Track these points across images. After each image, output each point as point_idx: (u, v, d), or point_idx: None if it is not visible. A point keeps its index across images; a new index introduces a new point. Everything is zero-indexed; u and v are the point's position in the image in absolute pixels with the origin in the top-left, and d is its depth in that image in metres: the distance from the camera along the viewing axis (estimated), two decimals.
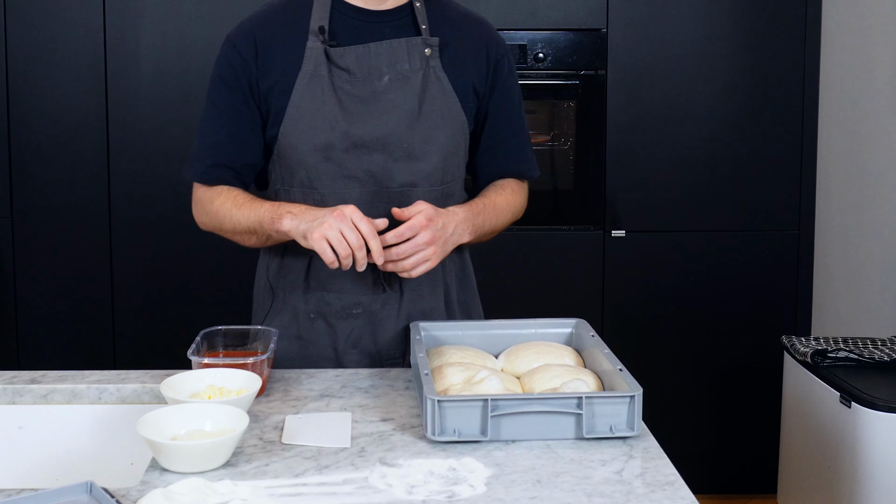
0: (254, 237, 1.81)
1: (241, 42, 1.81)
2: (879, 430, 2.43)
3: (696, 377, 3.39)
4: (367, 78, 1.78)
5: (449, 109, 1.82)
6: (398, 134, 1.77)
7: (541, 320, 1.83)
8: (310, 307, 1.85)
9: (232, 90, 1.81)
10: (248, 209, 1.79)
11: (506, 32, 3.28)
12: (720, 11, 3.27)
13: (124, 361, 3.28)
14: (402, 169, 1.79)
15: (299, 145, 1.78)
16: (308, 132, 1.77)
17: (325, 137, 1.76)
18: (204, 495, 1.26)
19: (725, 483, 3.43)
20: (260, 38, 1.81)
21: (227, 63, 1.82)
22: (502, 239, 3.36)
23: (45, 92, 3.23)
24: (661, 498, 1.28)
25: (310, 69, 1.78)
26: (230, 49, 1.82)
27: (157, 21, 3.22)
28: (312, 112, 1.77)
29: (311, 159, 1.78)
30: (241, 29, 1.84)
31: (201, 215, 1.88)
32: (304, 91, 1.77)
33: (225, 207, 1.81)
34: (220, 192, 1.83)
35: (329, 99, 1.77)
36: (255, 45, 1.80)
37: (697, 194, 3.31)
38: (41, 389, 1.70)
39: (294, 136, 1.78)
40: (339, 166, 1.78)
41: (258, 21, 1.84)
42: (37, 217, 3.27)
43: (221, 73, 1.82)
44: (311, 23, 1.79)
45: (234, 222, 1.80)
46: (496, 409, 1.44)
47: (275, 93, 1.79)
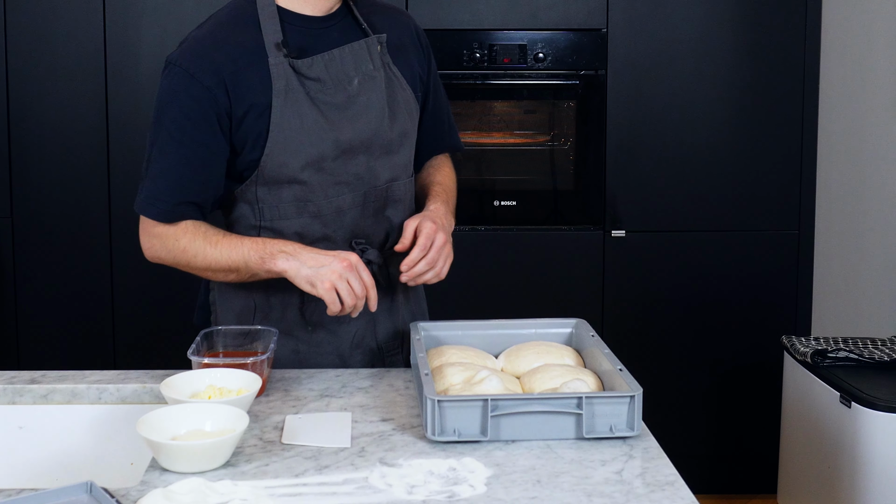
0: (233, 275, 1.75)
1: (201, 71, 1.71)
2: (879, 430, 2.43)
3: (696, 377, 3.39)
4: (338, 84, 1.78)
5: (407, 101, 1.87)
6: (379, 133, 1.81)
7: (541, 320, 1.83)
8: (307, 319, 1.85)
9: (195, 123, 1.71)
10: (226, 247, 1.73)
11: (506, 32, 3.28)
12: (720, 11, 3.26)
13: (124, 361, 3.28)
14: (383, 165, 1.83)
15: (290, 162, 1.74)
16: (298, 148, 1.74)
17: (317, 150, 1.75)
18: (204, 495, 1.26)
19: (725, 483, 3.43)
20: (219, 63, 1.72)
21: (185, 94, 1.71)
22: (502, 239, 3.38)
23: (45, 92, 3.23)
24: (661, 498, 1.28)
25: (282, 85, 1.73)
26: (187, 79, 1.71)
27: (157, 21, 3.22)
28: (297, 127, 1.74)
29: (304, 174, 1.75)
30: (196, 55, 1.72)
31: (159, 251, 1.78)
32: (284, 108, 1.73)
33: (195, 245, 1.74)
34: (185, 229, 1.75)
35: (310, 111, 1.75)
36: (217, 72, 1.71)
37: (697, 194, 3.31)
38: (41, 389, 1.70)
39: (284, 155, 1.74)
40: (331, 175, 1.78)
41: (212, 45, 1.74)
42: (37, 217, 3.27)
43: (181, 104, 1.71)
44: (266, 38, 1.75)
45: (208, 260, 1.73)
46: (496, 409, 1.44)
47: (251, 117, 1.73)
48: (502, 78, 3.30)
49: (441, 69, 3.28)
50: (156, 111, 1.75)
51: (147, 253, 1.80)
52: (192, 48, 1.74)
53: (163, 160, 1.74)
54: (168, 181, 1.73)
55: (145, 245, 1.79)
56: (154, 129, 1.75)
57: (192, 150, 1.72)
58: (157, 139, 1.74)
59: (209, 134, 1.72)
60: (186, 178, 1.73)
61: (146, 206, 1.75)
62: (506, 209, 3.35)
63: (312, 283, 1.67)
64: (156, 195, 1.74)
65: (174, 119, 1.72)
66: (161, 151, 1.74)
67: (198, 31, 1.79)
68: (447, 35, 3.25)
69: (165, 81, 1.74)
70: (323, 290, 1.66)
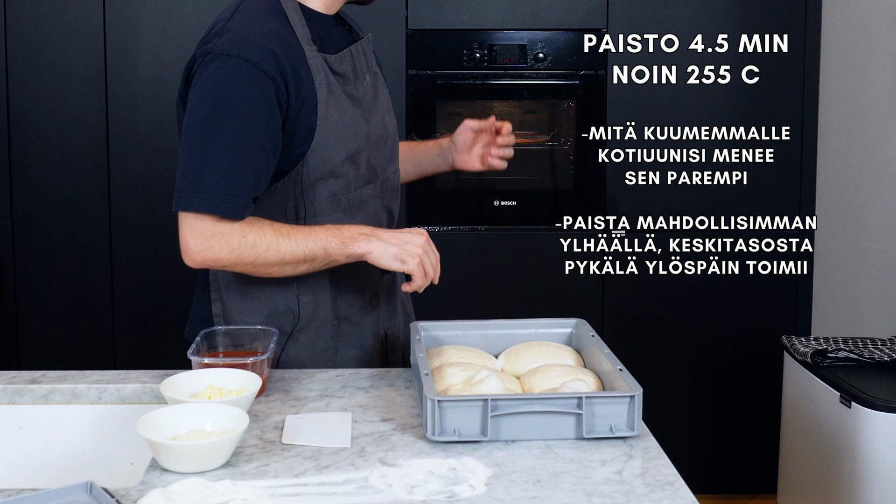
0: (305, 265, 1.71)
1: (265, 61, 1.66)
2: (879, 430, 2.43)
3: (695, 377, 3.39)
4: (358, 80, 1.84)
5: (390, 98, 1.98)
6: (388, 128, 1.90)
7: (541, 320, 1.83)
8: (336, 313, 1.86)
9: (264, 115, 1.66)
10: (301, 237, 1.69)
11: (506, 32, 3.28)
12: (720, 11, 3.26)
13: (124, 361, 3.28)
14: (387, 157, 1.91)
15: (332, 157, 1.76)
16: (340, 142, 1.76)
17: (354, 143, 1.79)
18: (204, 495, 1.26)
19: (725, 483, 3.43)
20: (278, 54, 1.68)
21: (250, 85, 1.65)
22: (502, 239, 3.38)
23: (45, 93, 3.23)
24: (661, 498, 1.28)
25: (322, 80, 1.74)
26: (250, 69, 1.65)
27: (157, 21, 3.22)
28: (337, 122, 1.76)
29: (343, 168, 1.78)
30: (252, 46, 1.67)
31: (219, 251, 1.66)
32: (328, 103, 1.74)
33: (265, 240, 1.67)
34: (251, 224, 1.68)
35: (346, 106, 1.78)
36: (279, 63, 1.68)
37: (697, 195, 3.31)
38: (41, 389, 1.70)
39: (327, 149, 1.75)
40: (359, 167, 1.82)
41: (265, 36, 1.69)
42: (37, 217, 3.27)
43: (248, 95, 1.65)
44: (298, 33, 1.74)
45: (282, 253, 1.68)
46: (496, 409, 1.44)
47: (305, 110, 1.72)
48: (502, 78, 3.30)
49: (441, 69, 3.30)
50: (210, 105, 1.65)
51: (198, 257, 1.67)
52: (244, 39, 1.68)
53: (231, 155, 1.64)
54: (243, 176, 1.65)
55: (198, 247, 1.66)
56: (210, 123, 1.65)
57: (262, 144, 1.67)
58: (216, 133, 1.64)
59: (275, 126, 1.68)
60: (260, 173, 1.68)
61: (220, 205, 1.64)
62: (506, 209, 3.35)
63: (402, 260, 1.70)
64: (231, 192, 1.64)
65: (242, 111, 1.65)
66: (226, 146, 1.64)
67: (239, 23, 1.72)
68: (447, 35, 3.25)
69: (221, 73, 1.65)
70: (414, 265, 1.70)
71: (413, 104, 3.26)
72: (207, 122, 1.65)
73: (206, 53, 1.68)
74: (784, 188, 3.32)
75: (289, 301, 1.82)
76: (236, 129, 1.65)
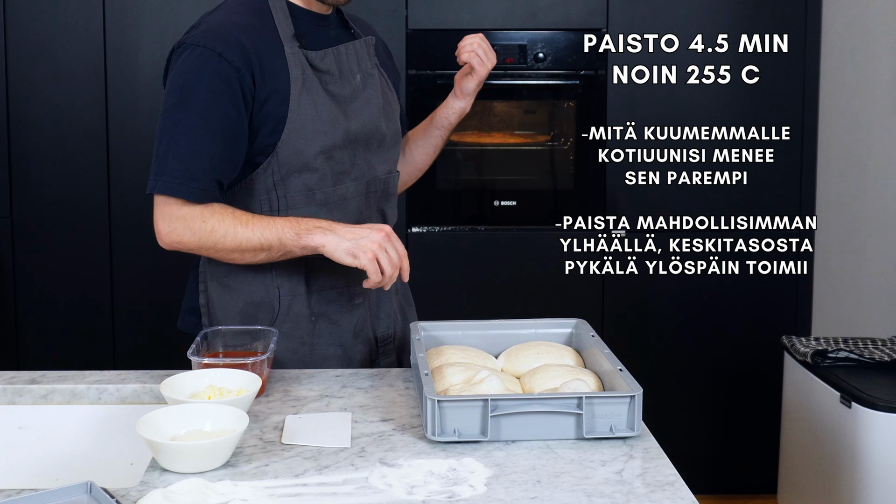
0: (263, 254, 1.75)
1: (230, 51, 1.73)
2: (879, 430, 2.43)
3: (696, 377, 3.39)
4: (345, 78, 1.85)
5: (395, 102, 1.99)
6: (379, 128, 1.89)
7: (541, 320, 1.83)
8: (312, 309, 1.86)
9: (225, 101, 1.73)
10: (258, 226, 1.73)
11: (506, 32, 3.28)
12: (720, 11, 3.26)
13: (124, 361, 3.28)
14: (380, 158, 1.91)
15: (304, 149, 1.78)
16: (313, 135, 1.78)
17: (330, 138, 1.80)
18: (204, 495, 1.26)
19: (725, 483, 3.43)
20: (246, 45, 1.75)
21: (213, 73, 1.72)
22: (502, 239, 3.38)
23: (44, 93, 3.23)
24: (661, 498, 1.28)
25: (298, 74, 1.78)
26: (215, 59, 1.72)
27: (157, 21, 3.22)
28: (312, 115, 1.78)
29: (316, 161, 1.79)
30: (223, 37, 1.74)
31: (182, 234, 1.74)
32: (301, 96, 1.78)
33: (224, 224, 1.73)
34: (213, 210, 1.74)
35: (324, 101, 1.80)
36: (245, 53, 1.74)
37: (697, 194, 3.31)
38: (41, 389, 1.70)
39: (299, 142, 1.77)
40: (338, 164, 1.83)
41: (235, 28, 1.76)
42: (37, 217, 3.27)
43: (211, 84, 1.72)
44: (280, 28, 1.80)
45: (239, 240, 1.73)
46: (496, 410, 1.44)
47: (273, 101, 1.76)
48: (502, 78, 3.30)
49: (441, 69, 3.30)
50: (178, 93, 1.73)
51: (166, 238, 1.76)
52: (215, 30, 1.75)
53: (192, 140, 1.72)
54: (201, 160, 1.71)
55: (165, 229, 1.75)
56: (177, 111, 1.73)
57: (221, 129, 1.73)
58: (182, 119, 1.72)
59: (235, 113, 1.74)
60: (218, 157, 1.73)
61: (177, 187, 1.71)
62: (506, 209, 3.35)
63: (354, 255, 1.69)
64: (188, 175, 1.71)
65: (203, 98, 1.72)
66: (189, 131, 1.72)
67: (215, 16, 1.80)
68: (447, 35, 3.25)
69: (188, 63, 1.73)
70: (366, 261, 1.68)
71: (413, 104, 3.26)
72: (174, 110, 1.74)
73: (180, 44, 1.77)
74: (784, 188, 3.32)
75: (267, 294, 1.84)
76: (198, 114, 1.72)
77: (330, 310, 1.87)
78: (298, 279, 1.84)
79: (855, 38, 3.23)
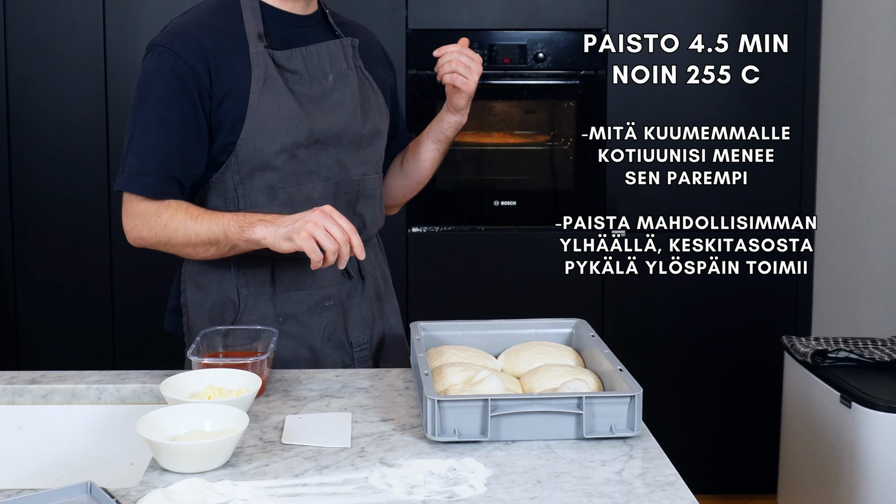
0: (213, 248, 1.77)
1: (186, 51, 1.76)
2: (879, 430, 2.43)
3: (696, 377, 3.39)
4: (314, 78, 1.85)
5: (380, 105, 1.95)
6: (351, 128, 1.87)
7: (541, 320, 1.83)
8: (278, 310, 1.86)
9: (179, 100, 1.76)
10: (206, 220, 1.75)
11: (506, 32, 3.28)
12: (720, 11, 3.26)
13: (124, 361, 3.28)
14: (354, 160, 1.89)
15: (264, 148, 1.78)
16: (273, 134, 1.78)
17: (292, 137, 1.80)
18: (204, 495, 1.26)
19: (725, 483, 3.43)
20: (204, 45, 1.77)
21: (170, 73, 1.76)
22: (502, 239, 3.38)
23: (44, 92, 3.23)
24: (661, 498, 1.28)
25: (260, 73, 1.79)
26: (172, 58, 1.76)
27: (157, 21, 3.20)
28: (273, 114, 1.78)
29: (278, 160, 1.80)
30: (181, 37, 1.78)
31: (142, 230, 1.79)
32: (262, 95, 1.78)
33: (177, 220, 1.76)
34: (167, 205, 1.77)
35: (287, 100, 1.80)
36: (202, 53, 1.77)
37: (697, 194, 3.31)
38: (41, 389, 1.70)
39: (258, 140, 1.78)
40: (303, 163, 1.82)
41: (197, 28, 1.80)
42: (37, 217, 3.27)
43: (167, 83, 1.76)
44: (247, 28, 1.81)
45: (189, 234, 1.76)
46: (496, 410, 1.44)
47: (230, 101, 1.78)
48: (502, 78, 3.30)
49: None
50: (138, 93, 1.79)
51: (130, 235, 1.81)
52: (176, 31, 1.80)
53: (147, 137, 1.76)
54: (153, 156, 1.76)
55: (128, 226, 1.81)
56: (137, 109, 1.78)
57: (175, 127, 1.76)
58: (140, 118, 1.77)
59: (192, 111, 1.77)
60: (171, 154, 1.76)
61: (131, 182, 1.77)
62: (506, 209, 3.35)
63: (289, 238, 1.67)
64: (141, 171, 1.76)
65: (159, 97, 1.76)
66: (145, 129, 1.77)
67: (181, 18, 1.84)
68: (447, 35, 3.25)
69: (149, 62, 1.78)
70: (301, 241, 1.65)
71: (413, 104, 3.26)
72: (134, 108, 1.79)
73: (148, 45, 1.82)
74: (784, 188, 3.32)
75: (230, 293, 1.85)
76: (152, 112, 1.76)
77: (298, 311, 1.86)
78: (263, 279, 1.84)
79: (855, 38, 3.23)
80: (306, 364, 1.87)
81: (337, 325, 1.90)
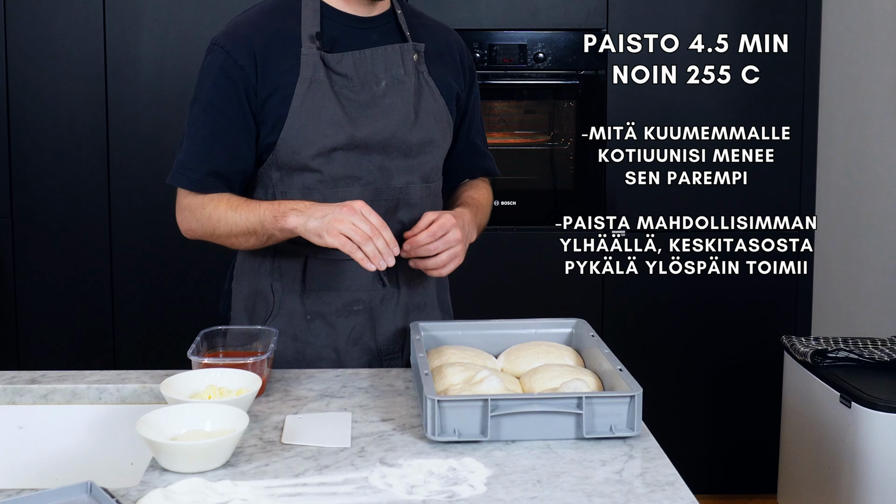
0: (253, 238, 1.79)
1: (237, 50, 1.78)
2: (879, 430, 2.43)
3: (696, 377, 3.39)
4: (365, 83, 1.82)
5: (439, 112, 1.89)
6: (398, 136, 1.83)
7: (541, 320, 1.83)
8: (307, 308, 1.86)
9: (228, 98, 1.79)
10: (245, 210, 1.77)
11: (506, 32, 3.28)
12: (720, 11, 3.27)
13: (124, 361, 3.28)
14: (400, 168, 1.85)
15: (302, 150, 1.78)
16: (312, 136, 1.78)
17: (330, 141, 1.78)
18: (204, 495, 1.26)
19: (725, 483, 3.43)
20: (256, 45, 1.79)
21: (221, 71, 1.79)
22: (502, 239, 3.38)
23: (45, 92, 3.23)
24: (661, 498, 1.28)
25: (308, 75, 1.78)
26: (223, 56, 1.79)
27: (157, 21, 3.22)
28: (315, 117, 1.78)
29: (315, 163, 1.79)
30: (235, 36, 1.80)
31: (190, 222, 1.85)
32: (305, 97, 1.78)
33: (219, 211, 1.79)
34: (212, 198, 1.81)
35: (330, 103, 1.79)
36: (251, 52, 1.78)
37: (697, 194, 3.31)
38: (41, 389, 1.70)
39: (297, 142, 1.78)
40: (342, 167, 1.81)
41: (250, 27, 1.81)
42: (37, 217, 3.27)
43: (216, 81, 1.79)
44: (303, 29, 1.80)
45: (230, 224, 1.79)
46: (496, 409, 1.44)
47: (273, 100, 1.78)
48: (502, 78, 3.30)
49: None
50: (194, 89, 1.83)
51: (182, 227, 1.87)
52: (232, 30, 1.83)
53: (195, 133, 1.82)
54: (198, 151, 1.81)
55: (179, 218, 1.87)
56: (191, 106, 1.83)
57: (221, 124, 1.79)
58: (192, 114, 1.82)
59: (238, 109, 1.79)
60: (215, 150, 1.80)
61: (178, 176, 1.82)
62: (506, 209, 3.35)
63: (319, 234, 1.69)
64: (187, 165, 1.81)
65: (208, 95, 1.80)
66: (193, 125, 1.82)
67: (241, 16, 1.86)
68: None
69: (205, 60, 1.82)
70: (331, 238, 1.67)
71: None
72: (190, 105, 1.84)
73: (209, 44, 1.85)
74: (784, 188, 3.32)
75: (263, 286, 1.88)
76: (202, 109, 1.81)
77: (325, 311, 1.86)
78: (294, 275, 1.85)
79: (855, 38, 3.23)
80: (330, 365, 1.87)
81: (365, 330, 1.88)
